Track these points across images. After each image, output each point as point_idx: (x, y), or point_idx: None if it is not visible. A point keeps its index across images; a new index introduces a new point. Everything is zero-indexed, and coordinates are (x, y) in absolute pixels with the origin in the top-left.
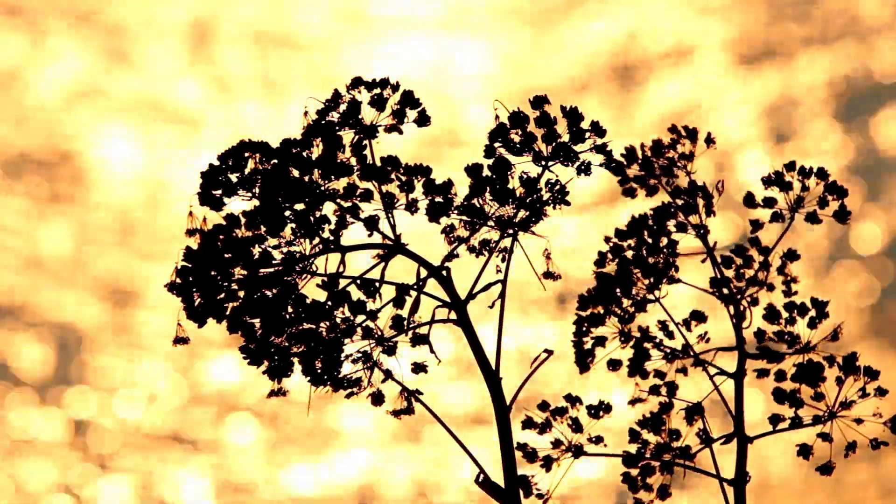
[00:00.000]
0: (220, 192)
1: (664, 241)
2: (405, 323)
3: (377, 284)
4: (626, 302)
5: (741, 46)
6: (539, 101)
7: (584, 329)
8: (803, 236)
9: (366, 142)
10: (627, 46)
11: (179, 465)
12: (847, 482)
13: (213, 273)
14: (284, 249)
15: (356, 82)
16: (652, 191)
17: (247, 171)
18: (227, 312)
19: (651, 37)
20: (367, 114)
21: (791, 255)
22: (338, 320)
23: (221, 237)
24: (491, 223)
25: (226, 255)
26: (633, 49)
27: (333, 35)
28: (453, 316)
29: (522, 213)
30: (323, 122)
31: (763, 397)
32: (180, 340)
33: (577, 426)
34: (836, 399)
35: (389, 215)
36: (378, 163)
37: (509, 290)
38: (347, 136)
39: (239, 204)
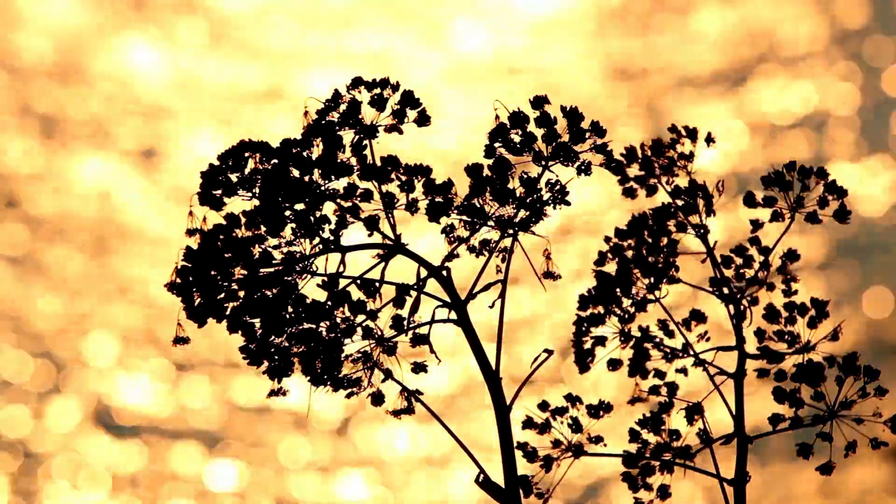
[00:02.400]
0: (220, 191)
1: (664, 240)
2: (405, 323)
3: (377, 284)
4: (626, 302)
5: None
6: (539, 101)
7: (584, 329)
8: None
9: (366, 142)
10: None
11: None
12: None
13: (213, 273)
14: (284, 249)
15: (356, 82)
16: (652, 190)
17: (247, 171)
18: (227, 312)
19: None
20: (368, 114)
21: (791, 255)
22: (338, 320)
23: (221, 237)
24: (491, 223)
25: (226, 255)
26: None
27: None
28: (453, 316)
29: (522, 213)
30: (323, 122)
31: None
32: (180, 340)
33: (577, 426)
34: (836, 399)
35: (389, 215)
36: (378, 163)
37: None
38: (347, 136)
39: (239, 204)
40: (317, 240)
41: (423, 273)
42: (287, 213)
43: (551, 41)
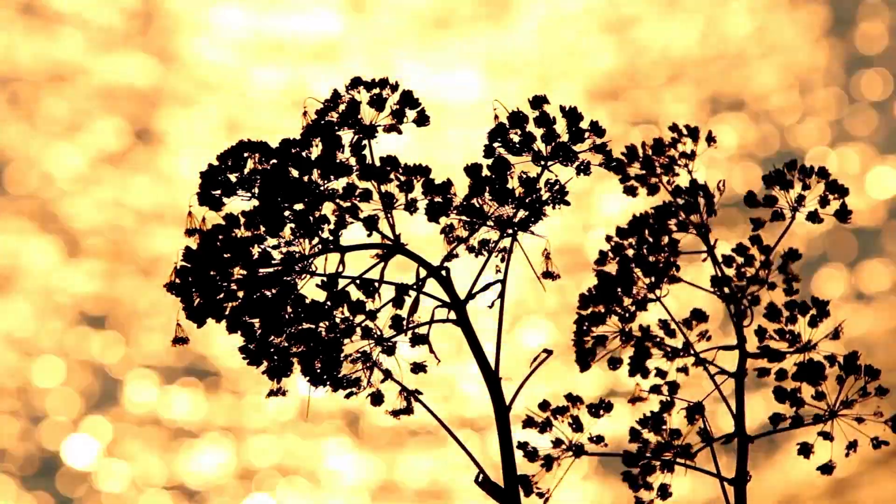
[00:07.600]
0: (219, 192)
1: (665, 239)
2: (404, 323)
3: (376, 284)
4: (626, 301)
5: None
6: (538, 101)
7: (585, 328)
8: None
9: (365, 142)
10: None
11: None
12: None
13: (212, 273)
14: (284, 249)
15: (355, 82)
16: (653, 190)
17: (246, 171)
18: (227, 312)
19: None
20: (367, 114)
21: (792, 255)
22: (337, 320)
23: (221, 237)
24: (490, 223)
25: (225, 255)
26: None
27: None
28: (453, 316)
29: (522, 213)
30: (322, 121)
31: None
32: (179, 340)
33: (577, 425)
34: (836, 398)
35: (389, 215)
36: (377, 163)
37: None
38: (347, 135)
39: (239, 204)
40: (316, 240)
41: (423, 273)
42: (286, 213)
43: None
